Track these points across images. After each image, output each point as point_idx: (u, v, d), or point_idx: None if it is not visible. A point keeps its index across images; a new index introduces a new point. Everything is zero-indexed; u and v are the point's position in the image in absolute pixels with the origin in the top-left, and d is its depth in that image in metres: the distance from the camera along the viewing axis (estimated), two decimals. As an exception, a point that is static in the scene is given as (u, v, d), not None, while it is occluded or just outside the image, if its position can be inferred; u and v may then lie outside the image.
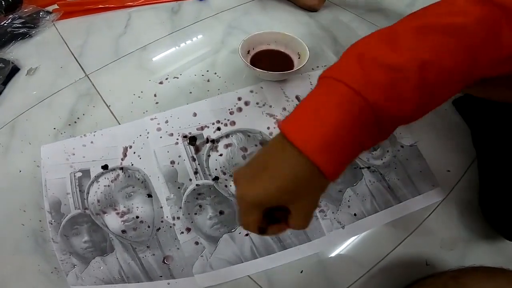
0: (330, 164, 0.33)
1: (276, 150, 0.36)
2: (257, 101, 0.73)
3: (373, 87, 0.33)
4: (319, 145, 0.33)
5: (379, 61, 0.34)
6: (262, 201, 0.36)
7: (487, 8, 0.35)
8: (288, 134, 0.34)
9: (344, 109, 0.33)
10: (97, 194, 0.64)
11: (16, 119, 0.73)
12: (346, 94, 0.33)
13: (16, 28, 0.87)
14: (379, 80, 0.33)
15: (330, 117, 0.33)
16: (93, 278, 0.59)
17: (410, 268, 0.62)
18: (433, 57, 0.34)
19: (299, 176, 0.34)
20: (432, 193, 0.67)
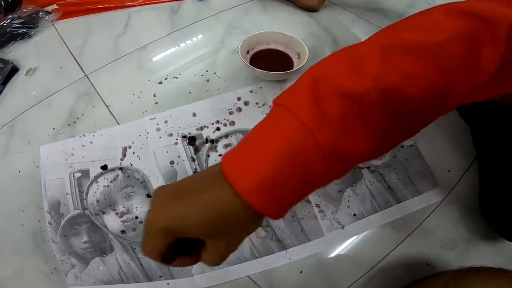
0: (268, 206, 0.30)
1: (212, 178, 0.32)
2: (257, 101, 0.73)
3: (328, 125, 0.29)
4: (255, 187, 0.29)
5: (337, 89, 0.30)
6: (175, 229, 0.31)
7: (466, 23, 0.31)
8: (225, 169, 0.31)
9: (291, 148, 0.29)
10: (97, 194, 0.64)
11: (15, 119, 0.73)
12: (296, 130, 0.30)
13: (15, 28, 0.86)
14: (334, 115, 0.29)
15: (274, 156, 0.29)
16: (92, 278, 0.59)
17: (410, 269, 0.62)
18: (399, 83, 0.30)
19: (231, 211, 0.30)
20: (432, 193, 0.67)
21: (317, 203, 0.64)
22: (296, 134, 0.29)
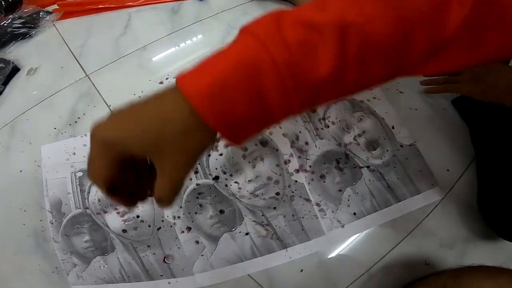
0: (214, 113, 0.29)
1: (162, 91, 0.31)
2: (257, 101, 0.73)
3: (285, 44, 0.29)
4: (200, 91, 0.28)
5: (299, 19, 0.30)
6: (114, 141, 0.30)
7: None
8: (176, 79, 0.30)
9: (243, 59, 0.29)
10: (98, 193, 0.64)
11: (16, 119, 0.73)
12: (251, 45, 0.29)
13: (16, 28, 0.86)
14: (293, 39, 0.29)
15: (225, 65, 0.29)
16: (94, 277, 0.59)
17: (410, 268, 0.62)
18: (359, 20, 0.29)
19: (175, 117, 0.29)
20: (431, 193, 0.67)
21: (317, 202, 0.65)
22: (250, 48, 0.29)
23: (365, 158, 0.69)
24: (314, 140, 0.70)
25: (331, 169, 0.68)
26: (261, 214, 0.63)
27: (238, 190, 0.65)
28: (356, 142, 0.71)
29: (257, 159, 0.67)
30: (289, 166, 0.67)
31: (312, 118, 0.72)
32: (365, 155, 0.70)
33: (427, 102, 0.76)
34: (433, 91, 0.75)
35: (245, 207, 0.64)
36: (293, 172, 0.67)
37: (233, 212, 0.64)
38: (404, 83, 0.79)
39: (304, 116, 0.72)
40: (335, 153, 0.69)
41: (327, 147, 0.70)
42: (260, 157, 0.68)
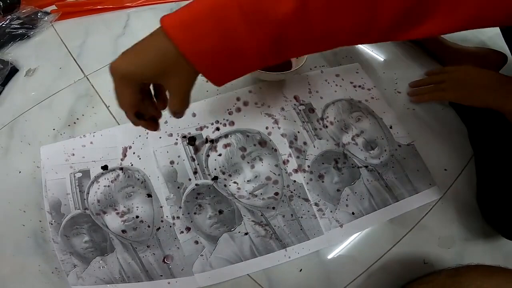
0: (188, 43, 0.35)
1: (151, 35, 0.38)
2: (256, 101, 0.74)
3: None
4: (178, 23, 0.35)
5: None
6: (130, 73, 0.38)
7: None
8: (161, 20, 0.36)
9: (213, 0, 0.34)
10: (97, 194, 0.64)
11: (15, 120, 0.73)
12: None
13: (14, 29, 0.86)
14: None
15: (199, 5, 0.35)
16: (93, 278, 0.59)
17: (408, 267, 0.62)
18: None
19: (161, 52, 0.36)
20: (429, 192, 0.68)
21: (315, 201, 0.65)
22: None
23: (363, 158, 0.70)
24: (312, 140, 0.70)
25: (330, 169, 0.68)
26: (260, 214, 0.64)
27: (237, 190, 0.65)
28: (354, 142, 0.71)
29: (256, 159, 0.68)
30: (287, 166, 0.68)
31: (311, 118, 0.73)
32: (363, 155, 0.70)
33: (424, 103, 0.77)
34: (419, 100, 0.76)
35: (244, 207, 0.64)
36: (291, 172, 0.67)
37: (232, 212, 0.64)
38: (402, 83, 0.80)
39: (303, 116, 0.72)
40: (333, 153, 0.70)
41: (325, 147, 0.70)
42: (259, 157, 0.68)
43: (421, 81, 0.78)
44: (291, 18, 0.33)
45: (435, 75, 0.76)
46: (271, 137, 0.70)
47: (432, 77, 0.77)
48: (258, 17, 0.33)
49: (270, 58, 0.38)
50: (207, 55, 0.35)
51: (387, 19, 0.35)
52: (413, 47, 0.86)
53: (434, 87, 0.74)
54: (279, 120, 0.72)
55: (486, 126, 0.70)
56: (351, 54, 0.84)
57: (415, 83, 0.78)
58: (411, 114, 0.76)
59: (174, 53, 0.36)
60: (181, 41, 0.35)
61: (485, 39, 0.90)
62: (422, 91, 0.76)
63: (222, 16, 0.34)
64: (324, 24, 0.35)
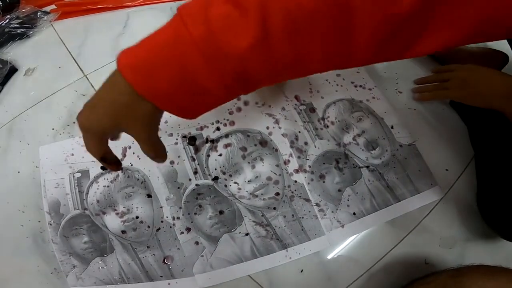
0: (146, 85, 0.33)
1: (107, 81, 0.36)
2: (257, 101, 0.74)
3: (203, 19, 0.31)
4: (133, 61, 0.33)
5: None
6: (89, 128, 0.37)
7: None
8: (117, 59, 0.34)
9: (168, 37, 0.33)
10: (97, 194, 0.64)
11: (14, 120, 0.73)
12: (175, 24, 0.32)
13: (13, 29, 0.86)
14: (215, 14, 0.31)
15: (153, 42, 0.33)
16: (93, 278, 0.59)
17: (409, 267, 0.62)
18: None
19: (117, 99, 0.35)
20: (431, 192, 0.67)
21: (317, 202, 0.65)
22: (174, 26, 0.33)
23: (364, 158, 0.69)
24: (313, 140, 0.70)
25: (331, 169, 0.68)
26: (261, 215, 0.63)
27: (238, 190, 0.65)
28: (356, 142, 0.71)
29: (257, 159, 0.67)
30: (288, 166, 0.67)
31: (312, 118, 0.72)
32: (364, 155, 0.70)
33: (426, 102, 0.76)
34: (423, 98, 0.76)
35: (245, 207, 0.64)
36: (292, 172, 0.67)
37: (233, 213, 0.63)
38: (403, 83, 0.79)
39: (304, 116, 0.72)
40: (334, 153, 0.69)
41: (326, 147, 0.70)
42: (260, 158, 0.67)
43: (426, 78, 0.78)
44: (252, 52, 0.31)
45: (441, 73, 0.76)
46: (271, 137, 0.70)
47: (437, 75, 0.76)
48: (217, 54, 0.31)
49: (238, 91, 0.36)
50: (169, 95, 0.34)
51: (363, 50, 0.33)
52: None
53: (439, 85, 0.74)
54: (280, 120, 0.71)
55: (487, 126, 0.70)
56: (351, 54, 0.84)
57: (420, 80, 0.78)
58: (413, 114, 0.75)
59: (131, 96, 0.34)
60: (139, 83, 0.33)
61: (486, 39, 0.89)
62: (426, 89, 0.76)
63: (179, 54, 0.32)
64: (289, 55, 0.33)
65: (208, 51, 0.31)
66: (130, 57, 0.34)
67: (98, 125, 0.37)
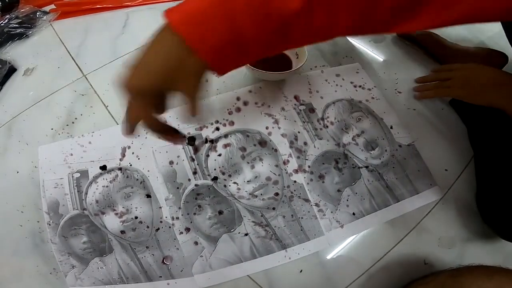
0: (196, 36, 0.34)
1: (156, 38, 0.37)
2: (256, 101, 0.74)
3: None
4: (185, 17, 0.34)
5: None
6: (145, 88, 0.37)
7: None
8: (167, 16, 0.35)
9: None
10: (96, 194, 0.64)
11: (13, 120, 0.73)
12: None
13: (13, 28, 0.86)
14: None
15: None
16: (92, 279, 0.59)
17: (409, 267, 0.62)
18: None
19: (169, 55, 0.35)
20: (430, 192, 0.67)
21: (316, 202, 0.65)
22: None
23: (363, 158, 0.69)
24: (313, 140, 0.70)
25: (330, 169, 0.68)
26: (260, 215, 0.63)
27: (237, 190, 0.65)
28: (355, 142, 0.71)
29: (256, 159, 0.67)
30: (288, 167, 0.67)
31: (311, 118, 0.72)
32: (363, 155, 0.70)
33: (425, 103, 0.77)
34: (424, 96, 0.76)
35: (244, 207, 0.64)
36: (292, 173, 0.67)
37: (232, 213, 0.63)
38: (403, 83, 0.79)
39: (303, 116, 0.72)
40: (334, 153, 0.69)
41: (326, 147, 0.70)
42: (259, 158, 0.67)
43: (427, 77, 0.78)
44: (297, 15, 0.33)
45: (442, 72, 0.76)
46: (271, 137, 0.70)
47: (438, 74, 0.77)
48: (267, 10, 0.33)
49: (275, 49, 0.38)
50: (218, 49, 0.35)
51: (385, 11, 0.35)
52: (414, 47, 0.86)
53: (440, 84, 0.74)
54: (279, 120, 0.71)
55: (486, 126, 0.70)
56: (351, 54, 0.84)
57: (422, 79, 0.79)
58: (412, 114, 0.75)
59: (183, 51, 0.35)
60: (191, 36, 0.34)
61: (485, 39, 0.90)
62: (427, 87, 0.76)
63: (229, 10, 0.33)
64: (326, 19, 0.35)
65: (256, 9, 0.33)
66: (180, 14, 0.34)
67: (153, 83, 0.37)
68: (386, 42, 0.89)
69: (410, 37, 0.88)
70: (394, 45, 0.88)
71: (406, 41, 0.87)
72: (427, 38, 0.84)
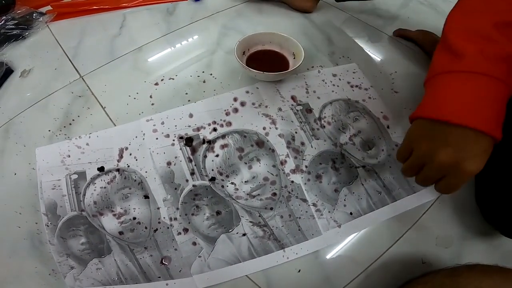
0: (493, 129, 0.42)
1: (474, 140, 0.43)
2: (253, 102, 0.74)
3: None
4: (489, 122, 0.42)
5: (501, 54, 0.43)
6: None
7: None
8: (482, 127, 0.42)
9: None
10: (94, 196, 0.64)
11: (10, 122, 0.73)
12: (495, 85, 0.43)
13: (9, 30, 0.86)
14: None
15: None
16: (90, 279, 0.59)
17: (406, 266, 0.62)
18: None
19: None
20: (427, 192, 0.68)
21: (313, 202, 0.65)
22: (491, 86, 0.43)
23: (360, 157, 0.70)
24: (310, 140, 0.70)
25: (327, 169, 0.68)
26: (258, 215, 0.64)
27: (235, 191, 0.65)
28: (352, 142, 0.71)
29: (254, 160, 0.67)
30: (285, 167, 0.68)
31: (308, 118, 0.72)
32: (360, 155, 0.70)
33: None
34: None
35: (242, 208, 0.64)
36: (289, 173, 0.67)
37: (230, 213, 0.63)
38: (399, 83, 0.80)
39: (300, 117, 0.72)
40: (331, 153, 0.70)
41: (323, 147, 0.70)
42: (257, 158, 0.68)
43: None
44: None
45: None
46: (268, 137, 0.70)
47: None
48: None
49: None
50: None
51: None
52: (410, 47, 0.87)
53: None
54: (276, 120, 0.72)
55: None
56: (348, 54, 0.85)
57: None
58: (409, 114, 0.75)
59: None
60: (492, 130, 0.42)
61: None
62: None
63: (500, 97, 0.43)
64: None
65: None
66: (485, 120, 0.43)
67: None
68: (383, 42, 0.89)
69: (406, 37, 0.88)
70: (390, 45, 0.88)
71: (402, 40, 0.88)
72: (423, 37, 0.84)
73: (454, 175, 0.45)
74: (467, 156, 0.43)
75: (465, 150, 0.43)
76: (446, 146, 0.44)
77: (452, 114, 0.43)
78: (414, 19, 0.99)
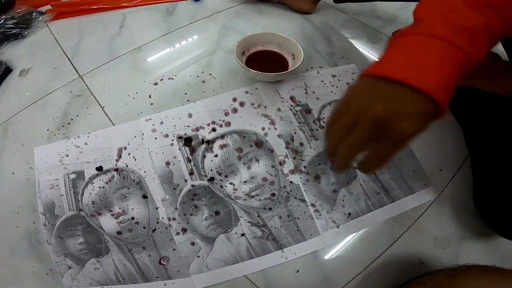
0: (445, 99, 0.39)
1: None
2: (252, 102, 0.74)
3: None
4: (437, 86, 0.39)
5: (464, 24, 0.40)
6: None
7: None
8: (425, 88, 0.38)
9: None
10: (92, 195, 0.64)
11: (8, 121, 0.73)
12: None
13: (8, 29, 0.86)
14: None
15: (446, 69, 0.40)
16: (88, 279, 0.59)
17: (405, 267, 0.62)
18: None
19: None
20: (425, 192, 0.68)
21: (312, 202, 0.65)
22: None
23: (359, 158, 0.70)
24: (309, 141, 0.70)
25: (326, 169, 0.68)
26: (256, 215, 0.63)
27: (234, 191, 0.65)
28: (351, 142, 0.71)
29: (252, 160, 0.67)
30: (284, 167, 0.68)
31: (307, 119, 0.73)
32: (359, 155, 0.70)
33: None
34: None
35: (241, 208, 0.64)
36: (288, 173, 0.67)
37: (229, 213, 0.63)
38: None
39: (299, 117, 0.72)
40: (330, 154, 0.70)
41: (322, 148, 0.70)
42: (255, 158, 0.68)
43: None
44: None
45: None
46: (267, 138, 0.70)
47: None
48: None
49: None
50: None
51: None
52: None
53: None
54: (275, 121, 0.72)
55: (482, 126, 0.70)
56: (347, 55, 0.85)
57: None
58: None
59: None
60: (442, 100, 0.39)
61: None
62: None
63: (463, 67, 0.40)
64: None
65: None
66: (433, 83, 0.39)
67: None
68: (382, 43, 0.90)
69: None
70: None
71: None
72: None
73: (386, 137, 0.40)
74: (403, 113, 0.39)
75: (400, 106, 0.39)
76: (380, 100, 0.40)
77: (392, 71, 0.40)
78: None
